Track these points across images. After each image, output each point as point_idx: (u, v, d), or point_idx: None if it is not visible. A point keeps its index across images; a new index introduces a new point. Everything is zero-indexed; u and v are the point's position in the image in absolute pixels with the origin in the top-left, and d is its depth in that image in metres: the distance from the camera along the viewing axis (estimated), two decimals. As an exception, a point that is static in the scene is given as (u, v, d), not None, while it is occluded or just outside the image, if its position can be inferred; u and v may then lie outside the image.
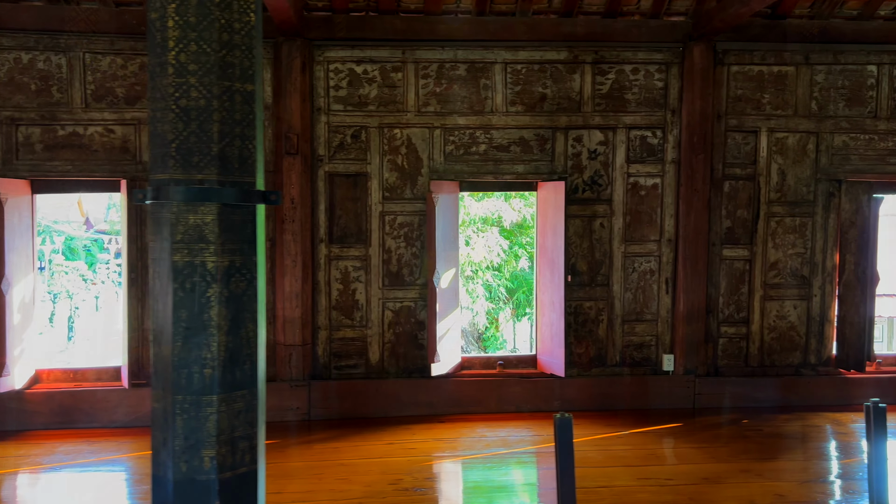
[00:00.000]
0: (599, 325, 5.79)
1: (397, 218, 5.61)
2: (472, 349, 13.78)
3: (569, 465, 3.31)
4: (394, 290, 5.63)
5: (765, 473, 4.16)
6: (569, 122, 5.66)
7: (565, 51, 5.63)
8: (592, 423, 5.28)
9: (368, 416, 5.48)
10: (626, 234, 5.77)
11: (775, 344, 5.90)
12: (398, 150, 5.58)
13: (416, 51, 5.55)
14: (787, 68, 5.78)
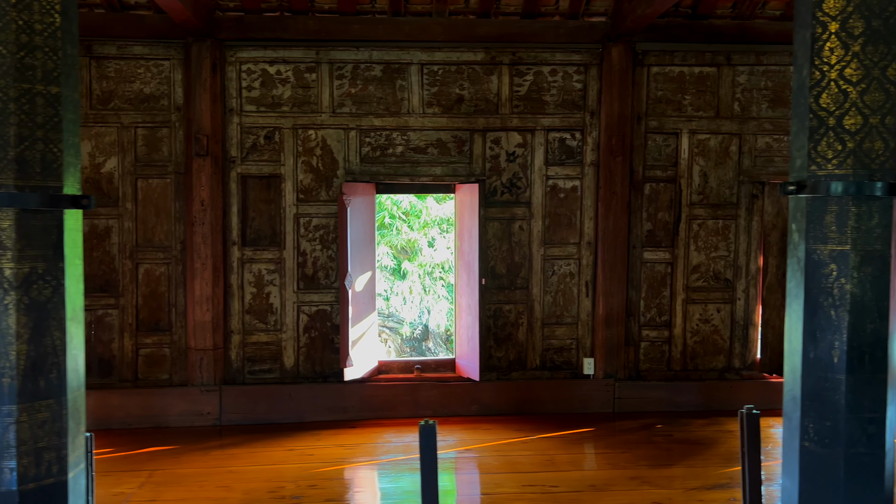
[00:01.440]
0: (519, 328, 5.72)
1: (312, 220, 5.54)
2: (441, 351, 13.73)
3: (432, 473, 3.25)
4: (309, 294, 5.55)
5: (654, 480, 4.10)
6: (486, 123, 5.59)
7: (482, 52, 5.57)
8: (505, 427, 5.22)
9: (282, 421, 5.41)
10: (546, 237, 5.71)
11: (699, 348, 5.84)
12: (313, 152, 5.51)
13: (330, 51, 5.47)
14: (708, 69, 5.72)
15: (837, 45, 2.63)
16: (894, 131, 2.63)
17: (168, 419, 5.35)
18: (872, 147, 2.62)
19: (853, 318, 2.65)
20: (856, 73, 2.60)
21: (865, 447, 2.67)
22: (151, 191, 5.43)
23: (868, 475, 2.67)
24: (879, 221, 2.63)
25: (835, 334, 2.68)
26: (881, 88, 2.61)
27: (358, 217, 5.45)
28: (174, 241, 5.44)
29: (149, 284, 5.46)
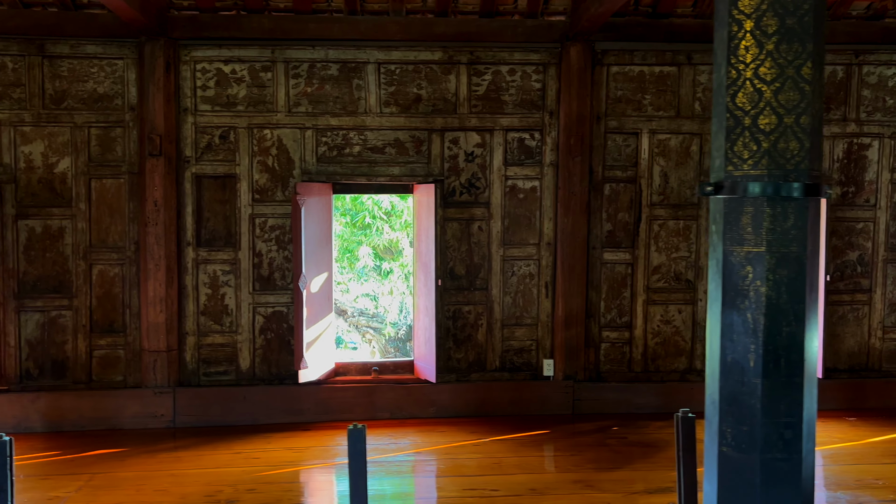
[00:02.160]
0: (479, 329, 5.68)
1: (268, 221, 5.49)
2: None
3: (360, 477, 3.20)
4: (265, 295, 5.51)
5: (598, 484, 4.06)
6: (445, 123, 5.55)
7: (440, 51, 5.52)
8: (460, 429, 5.18)
9: (236, 423, 5.37)
10: (505, 238, 5.66)
11: (660, 349, 5.80)
12: (268, 152, 5.46)
13: (286, 50, 5.43)
14: (669, 69, 5.68)
15: (752, 43, 2.58)
16: (810, 131, 2.59)
17: (121, 421, 5.31)
18: (787, 147, 2.58)
19: (768, 321, 2.61)
20: (770, 71, 2.56)
21: (782, 452, 2.62)
22: (105, 191, 5.39)
23: (784, 481, 2.63)
24: (795, 223, 2.59)
25: (750, 337, 2.64)
26: (796, 88, 2.57)
27: (314, 217, 5.41)
28: (128, 242, 5.40)
29: (103, 285, 5.41)
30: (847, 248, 5.85)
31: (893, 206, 5.86)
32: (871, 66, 5.79)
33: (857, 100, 5.78)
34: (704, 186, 2.70)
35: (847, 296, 5.87)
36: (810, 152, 2.59)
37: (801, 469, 2.64)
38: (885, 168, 5.83)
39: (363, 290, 14.28)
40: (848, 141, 5.80)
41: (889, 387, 5.84)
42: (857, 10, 5.65)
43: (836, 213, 5.80)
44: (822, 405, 5.71)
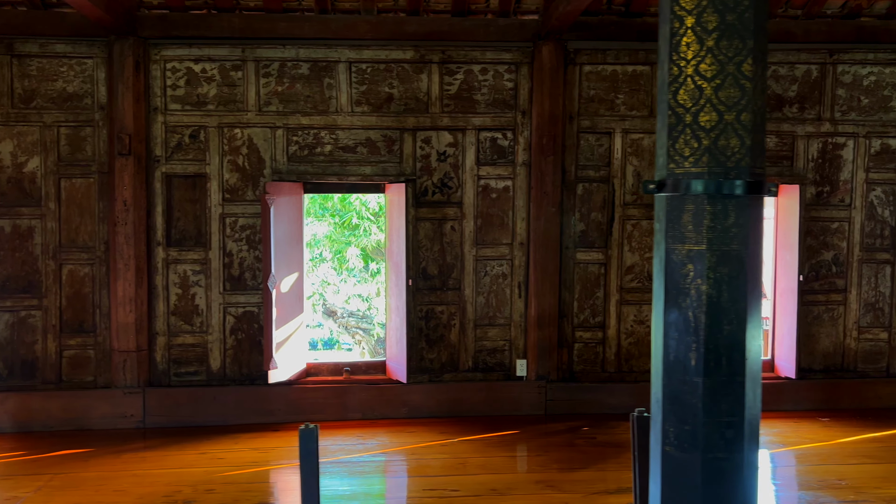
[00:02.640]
0: (451, 329, 5.66)
1: (239, 220, 5.47)
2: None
3: (312, 478, 3.19)
4: (235, 295, 5.49)
5: (560, 484, 4.04)
6: (417, 122, 5.53)
7: (411, 50, 5.51)
8: (430, 430, 5.16)
9: (206, 423, 5.34)
10: (478, 238, 5.64)
11: (633, 349, 5.78)
12: (239, 151, 5.45)
13: (256, 49, 5.41)
14: (642, 68, 5.66)
15: (693, 39, 2.56)
16: (751, 128, 2.57)
17: (91, 422, 5.28)
18: (728, 144, 2.56)
19: (709, 320, 2.59)
20: (710, 68, 2.54)
21: (723, 452, 2.60)
22: (75, 190, 5.37)
23: (726, 481, 2.61)
24: (736, 221, 2.56)
25: (692, 336, 2.62)
26: (736, 84, 2.55)
27: (284, 217, 5.39)
28: (98, 242, 5.38)
29: (73, 285, 5.39)
30: (822, 248, 5.83)
31: (869, 206, 5.84)
32: (845, 65, 5.77)
33: (832, 99, 5.76)
34: (647, 184, 2.69)
35: (822, 296, 5.85)
36: (751, 150, 2.57)
37: (743, 468, 2.62)
38: (859, 167, 5.81)
39: (356, 290, 14.27)
40: (823, 140, 5.78)
41: (864, 387, 5.82)
42: (831, 8, 5.63)
43: (810, 212, 5.78)
44: (797, 405, 5.74)
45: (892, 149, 5.82)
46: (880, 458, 4.46)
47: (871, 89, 5.78)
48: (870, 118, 5.79)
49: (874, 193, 5.84)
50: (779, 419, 5.45)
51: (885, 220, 5.86)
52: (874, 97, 5.78)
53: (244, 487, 4.04)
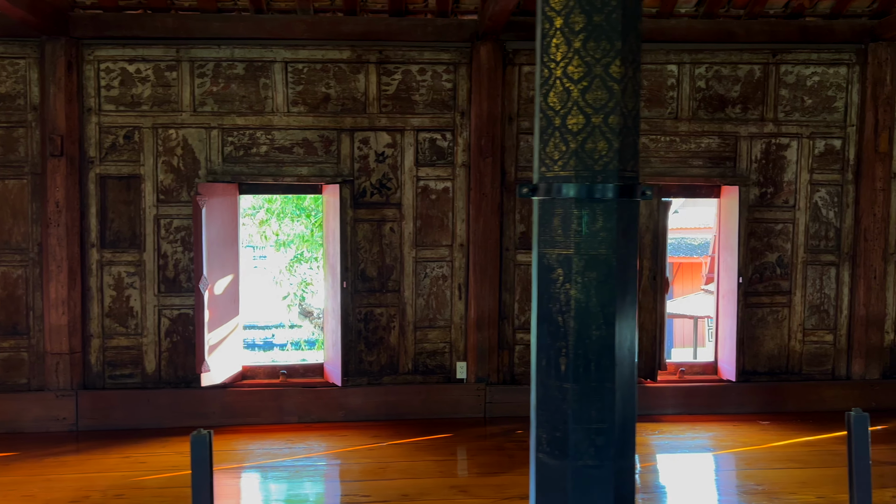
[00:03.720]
0: (391, 332, 5.62)
1: (174, 222, 5.43)
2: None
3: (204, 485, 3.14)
4: (170, 297, 5.45)
5: (475, 489, 4.00)
6: (354, 123, 5.49)
7: (348, 50, 5.46)
8: (363, 433, 5.11)
9: (140, 427, 5.30)
10: (418, 239, 5.60)
11: (575, 352, 5.73)
12: (174, 152, 5.40)
13: (191, 49, 5.37)
14: (582, 68, 5.60)
15: (562, 41, 2.52)
16: (619, 131, 2.52)
17: (23, 425, 5.24)
18: (595, 148, 2.51)
19: (578, 325, 2.55)
20: (577, 70, 2.49)
21: (593, 459, 2.56)
22: (8, 192, 5.33)
23: (596, 489, 2.56)
24: (604, 225, 2.52)
25: (562, 341, 2.57)
26: (604, 86, 2.50)
27: (218, 218, 5.35)
28: (31, 244, 5.33)
29: (6, 287, 5.35)
30: (766, 250, 5.79)
31: (813, 207, 5.80)
32: (788, 65, 5.73)
33: (775, 99, 5.72)
34: (521, 188, 2.64)
35: (766, 298, 5.81)
36: (620, 153, 2.52)
37: (614, 476, 2.58)
38: (803, 168, 5.77)
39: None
40: (766, 141, 5.74)
41: (808, 390, 5.78)
42: (774, 8, 5.59)
43: (754, 213, 5.74)
44: (740, 408, 5.70)
45: (836, 150, 5.78)
46: (807, 463, 4.42)
47: (815, 90, 5.74)
48: (814, 119, 5.75)
49: (818, 195, 5.80)
50: (719, 422, 5.41)
51: (829, 222, 5.82)
52: (818, 97, 5.74)
53: (155, 492, 4.00)
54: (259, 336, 22.22)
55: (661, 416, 5.57)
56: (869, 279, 5.75)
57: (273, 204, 13.46)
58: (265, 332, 20.81)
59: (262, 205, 13.34)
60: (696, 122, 5.68)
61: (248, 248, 23.76)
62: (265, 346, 19.69)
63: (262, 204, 13.33)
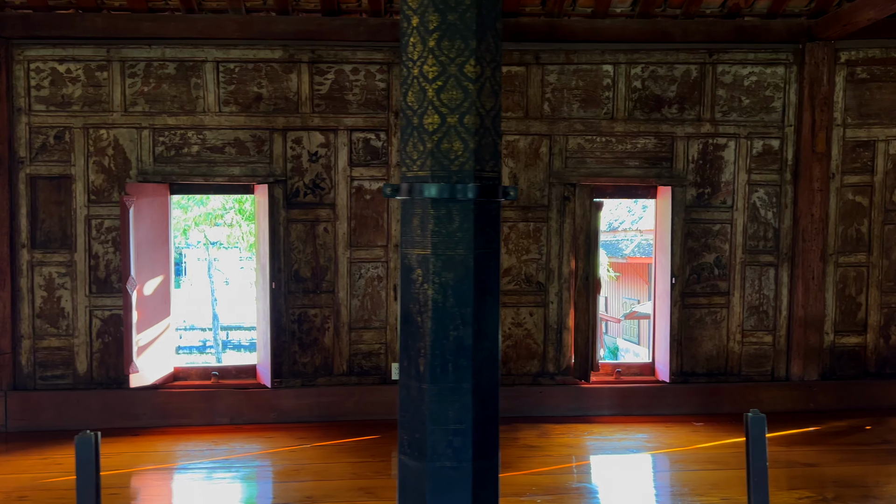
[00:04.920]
0: (325, 333, 5.60)
1: (105, 222, 5.41)
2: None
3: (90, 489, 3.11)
4: (102, 298, 5.42)
5: (380, 492, 3.97)
6: (287, 123, 5.47)
7: (280, 49, 5.44)
8: (291, 435, 5.08)
9: (69, 428, 5.20)
10: (352, 240, 5.58)
11: (511, 352, 5.72)
12: (104, 152, 5.38)
13: (121, 49, 5.35)
14: (517, 68, 5.59)
15: (418, 40, 2.51)
16: (474, 132, 2.50)
17: (-49, 426, 5.22)
18: (451, 148, 2.50)
19: (435, 325, 2.53)
20: (432, 69, 2.48)
21: (451, 460, 2.54)
22: (-63, 192, 5.30)
23: (454, 490, 2.54)
24: (461, 225, 2.50)
25: (420, 342, 2.56)
26: (458, 86, 2.49)
27: (148, 219, 5.32)
28: (-39, 244, 5.31)
29: (-65, 288, 5.33)
30: (703, 251, 5.77)
31: (751, 208, 5.78)
32: (725, 65, 5.71)
33: (712, 99, 5.71)
34: (386, 188, 2.63)
35: (704, 298, 5.79)
36: (476, 153, 2.52)
37: (473, 477, 2.56)
38: (741, 169, 5.75)
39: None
40: (703, 141, 5.72)
41: (745, 391, 5.76)
42: (710, 8, 5.57)
43: (691, 214, 5.72)
44: (676, 409, 5.69)
45: (774, 150, 5.77)
46: (726, 465, 4.40)
47: (753, 90, 5.73)
48: (751, 119, 5.73)
49: (757, 195, 5.79)
50: (652, 423, 5.39)
51: (768, 222, 5.80)
52: (756, 98, 5.73)
53: (59, 494, 3.97)
54: (245, 337, 22.24)
55: (596, 417, 5.55)
56: (807, 280, 5.73)
57: (245, 205, 13.45)
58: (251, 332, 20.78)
59: (233, 205, 13.34)
60: (633, 123, 5.66)
61: (234, 250, 23.78)
62: (251, 346, 19.69)
63: (233, 205, 13.33)
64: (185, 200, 12.91)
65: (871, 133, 5.78)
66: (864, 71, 5.75)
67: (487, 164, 2.54)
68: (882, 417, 5.47)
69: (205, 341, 23.48)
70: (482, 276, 2.55)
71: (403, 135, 2.54)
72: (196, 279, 27.45)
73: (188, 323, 24.79)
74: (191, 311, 24.61)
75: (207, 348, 22.82)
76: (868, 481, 4.10)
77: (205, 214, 13.60)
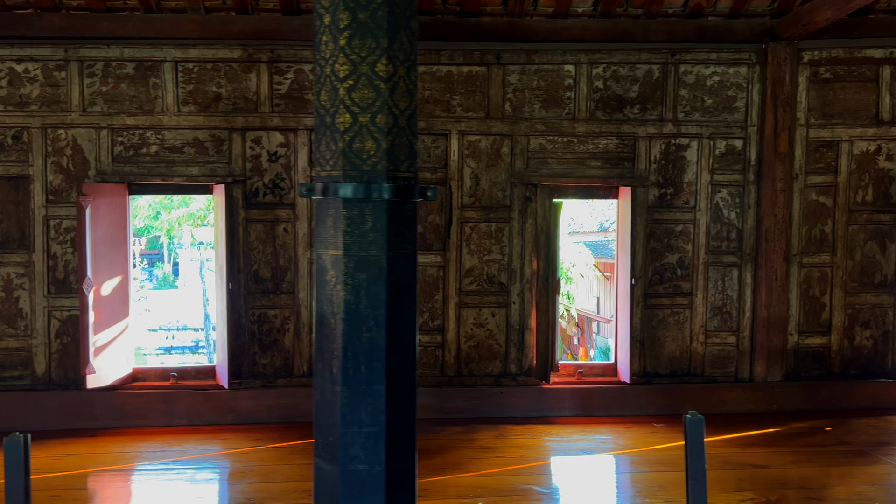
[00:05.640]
0: (286, 334, 5.57)
1: (63, 222, 5.39)
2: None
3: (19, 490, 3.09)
4: (60, 298, 5.40)
5: (325, 494, 3.95)
6: (246, 122, 5.45)
7: (239, 49, 5.42)
8: (247, 437, 5.06)
9: (26, 429, 5.17)
10: (312, 240, 5.56)
11: (473, 353, 5.70)
12: (63, 152, 5.36)
13: (80, 49, 5.33)
14: (478, 69, 5.58)
15: (329, 38, 2.49)
16: (387, 131, 2.48)
17: None
18: (363, 147, 2.48)
19: (347, 327, 2.51)
20: (343, 68, 2.46)
21: (363, 463, 2.52)
22: None
23: (366, 492, 2.52)
24: (373, 226, 2.48)
25: (334, 344, 2.54)
26: (370, 85, 2.47)
27: (105, 219, 5.30)
28: (-83, 244, 5.29)
29: None
30: (666, 251, 5.75)
31: (714, 208, 5.77)
32: (688, 65, 5.70)
33: (675, 100, 5.69)
34: (302, 188, 2.61)
35: (667, 299, 5.77)
36: (389, 153, 2.50)
37: (385, 479, 2.54)
38: (704, 169, 5.73)
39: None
40: (665, 142, 5.70)
41: (708, 392, 5.74)
42: (672, 7, 5.55)
43: (653, 214, 5.70)
44: (638, 410, 5.66)
45: (737, 150, 5.75)
46: (677, 466, 4.31)
47: (715, 89, 5.71)
48: (714, 119, 5.72)
49: (720, 195, 5.77)
50: (612, 424, 5.37)
51: (731, 223, 5.78)
52: (718, 98, 5.71)
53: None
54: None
55: (557, 418, 5.53)
56: (770, 280, 5.71)
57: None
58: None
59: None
60: (594, 123, 5.64)
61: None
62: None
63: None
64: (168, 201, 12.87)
65: (834, 133, 5.77)
66: (827, 71, 5.74)
67: (402, 165, 2.52)
68: (844, 419, 5.45)
69: (197, 341, 23.50)
70: (397, 278, 2.53)
71: (317, 134, 2.52)
72: (189, 279, 27.45)
73: (181, 323, 24.83)
74: (184, 311, 24.63)
75: (200, 348, 22.81)
76: (815, 483, 4.09)
77: (187, 215, 13.57)
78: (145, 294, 26.06)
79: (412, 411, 2.61)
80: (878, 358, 5.90)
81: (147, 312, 25.73)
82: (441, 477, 4.23)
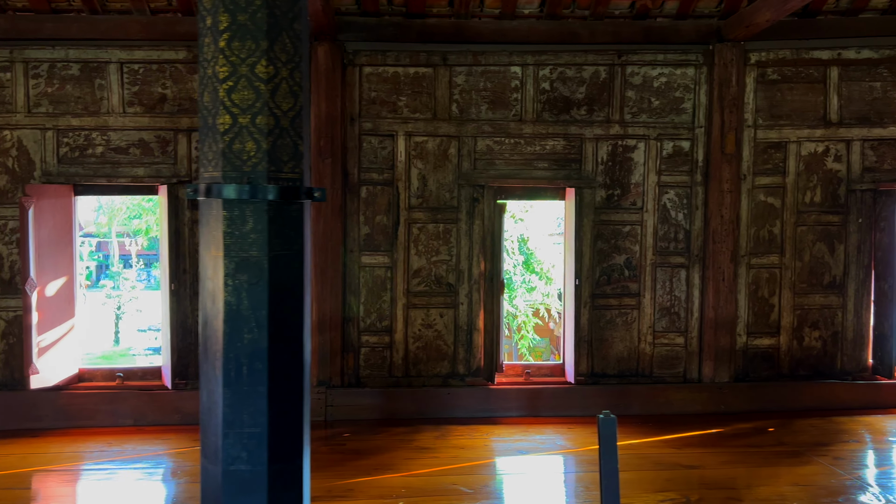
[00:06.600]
0: (233, 334, 5.57)
1: (9, 223, 5.39)
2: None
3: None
4: (6, 299, 5.41)
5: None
6: (191, 123, 5.46)
7: (184, 50, 5.43)
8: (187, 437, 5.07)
9: (-29, 429, 5.26)
10: (259, 241, 5.55)
11: (421, 353, 5.71)
12: (8, 153, 5.37)
13: (25, 50, 5.34)
14: (424, 70, 5.59)
15: (210, 40, 2.50)
16: (267, 132, 2.49)
17: None
18: (243, 148, 2.48)
19: (229, 329, 2.52)
20: (223, 69, 2.46)
21: (245, 464, 2.53)
22: None
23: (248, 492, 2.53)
24: (254, 227, 2.49)
25: (216, 345, 2.55)
26: (250, 86, 2.47)
27: (50, 220, 5.31)
28: None
29: None
30: (613, 252, 5.77)
31: (661, 209, 5.78)
32: (634, 66, 5.71)
33: (622, 101, 5.70)
34: (188, 189, 2.62)
35: (615, 300, 5.78)
36: (270, 154, 2.50)
37: (268, 479, 2.55)
38: (651, 170, 5.75)
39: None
40: (612, 143, 5.72)
41: (656, 392, 5.75)
42: (619, 9, 5.57)
43: (600, 215, 5.71)
44: (585, 411, 5.67)
45: (684, 151, 5.76)
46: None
47: (662, 91, 5.72)
48: (661, 120, 5.73)
49: (667, 196, 5.78)
50: (556, 425, 5.37)
51: (678, 224, 5.80)
52: (665, 99, 5.73)
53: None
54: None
55: (504, 418, 5.54)
56: (718, 281, 5.73)
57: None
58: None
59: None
60: (541, 125, 5.66)
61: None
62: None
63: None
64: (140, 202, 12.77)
65: (782, 134, 5.78)
66: (774, 72, 5.75)
67: (286, 166, 2.53)
68: (789, 419, 5.46)
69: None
70: (280, 279, 2.54)
71: (201, 135, 2.53)
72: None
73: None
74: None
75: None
76: (740, 483, 4.09)
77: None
78: (136, 295, 26.06)
79: (300, 412, 2.61)
80: (827, 359, 5.91)
81: (138, 313, 25.78)
82: (370, 477, 4.24)
